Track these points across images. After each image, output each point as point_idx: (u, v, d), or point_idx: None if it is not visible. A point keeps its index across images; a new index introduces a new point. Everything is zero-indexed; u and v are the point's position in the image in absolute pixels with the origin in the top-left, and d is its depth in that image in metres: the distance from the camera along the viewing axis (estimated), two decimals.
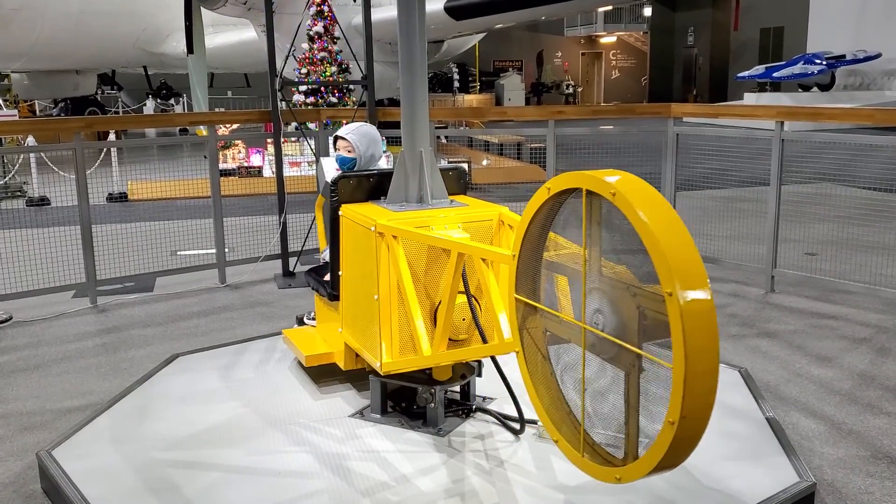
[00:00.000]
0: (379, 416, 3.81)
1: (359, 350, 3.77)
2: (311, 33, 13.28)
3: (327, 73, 13.31)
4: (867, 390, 4.42)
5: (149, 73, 24.11)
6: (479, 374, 3.93)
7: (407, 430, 3.68)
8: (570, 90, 37.64)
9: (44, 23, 18.41)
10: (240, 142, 13.91)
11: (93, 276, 6.39)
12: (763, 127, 7.02)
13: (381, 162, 4.35)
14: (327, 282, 4.10)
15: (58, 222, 7.55)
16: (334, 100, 13.39)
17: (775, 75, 23.55)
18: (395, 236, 3.42)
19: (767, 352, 5.04)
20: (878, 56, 22.52)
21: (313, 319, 4.62)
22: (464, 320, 3.47)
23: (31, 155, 11.49)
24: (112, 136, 11.98)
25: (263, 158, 13.65)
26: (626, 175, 2.34)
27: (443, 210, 3.66)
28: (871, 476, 3.51)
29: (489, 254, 3.14)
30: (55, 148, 11.78)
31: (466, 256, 3.28)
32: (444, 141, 15.28)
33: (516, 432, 3.61)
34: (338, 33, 13.25)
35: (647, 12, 38.45)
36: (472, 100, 27.77)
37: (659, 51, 38.71)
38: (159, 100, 25.10)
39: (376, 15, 7.81)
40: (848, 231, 7.60)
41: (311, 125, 7.90)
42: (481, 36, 26.39)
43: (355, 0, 14.98)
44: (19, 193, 11.98)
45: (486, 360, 3.91)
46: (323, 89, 12.91)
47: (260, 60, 19.61)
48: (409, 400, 3.86)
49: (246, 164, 13.70)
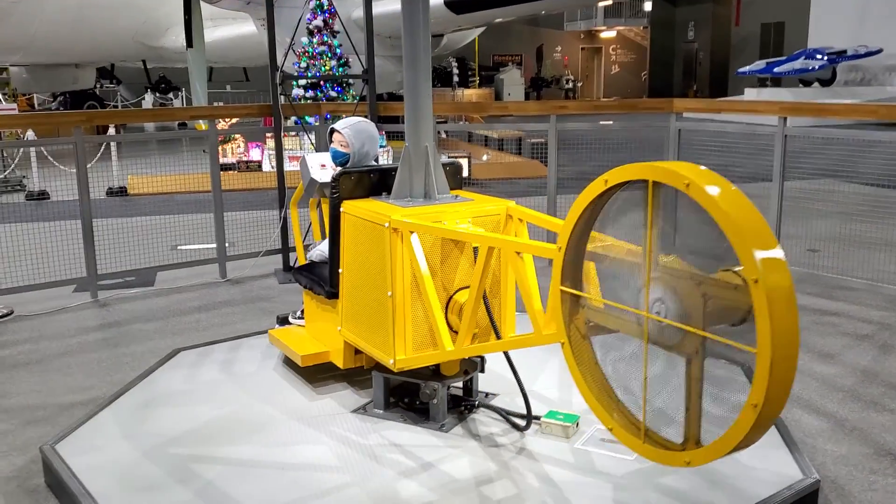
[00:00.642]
0: (382, 411, 3.81)
1: (365, 348, 3.73)
2: (311, 27, 13.24)
3: (326, 68, 13.28)
4: (870, 387, 4.42)
5: (148, 67, 24.06)
6: (482, 370, 3.93)
7: (410, 426, 3.68)
8: (570, 85, 37.58)
9: (42, 16, 18.35)
10: (239, 136, 13.89)
11: (93, 270, 6.38)
12: (765, 122, 7.00)
13: (381, 158, 4.33)
14: (322, 279, 4.04)
15: (58, 216, 7.54)
16: (334, 94, 13.37)
17: (776, 70, 23.52)
18: (412, 232, 3.39)
19: None
20: (879, 51, 22.49)
21: (300, 318, 4.54)
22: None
23: (31, 149, 11.48)
24: (111, 131, 11.94)
25: (263, 153, 13.63)
26: (694, 166, 2.39)
27: (452, 205, 3.66)
28: (875, 473, 3.50)
29: (530, 248, 3.10)
30: (56, 142, 11.76)
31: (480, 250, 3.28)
32: (444, 136, 15.27)
33: (520, 428, 3.61)
34: (338, 27, 13.22)
35: (648, 7, 38.40)
36: (471, 94, 27.74)
37: (659, 46, 38.66)
38: (158, 94, 25.05)
39: (376, 9, 7.79)
40: (850, 227, 7.59)
41: (311, 119, 7.88)
42: (481, 30, 26.34)
43: None
44: (19, 187, 11.96)
45: (487, 357, 3.91)
46: (322, 83, 12.89)
47: (259, 54, 19.59)
48: (412, 396, 3.85)
49: (245, 159, 13.68)
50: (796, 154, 7.10)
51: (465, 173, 11.33)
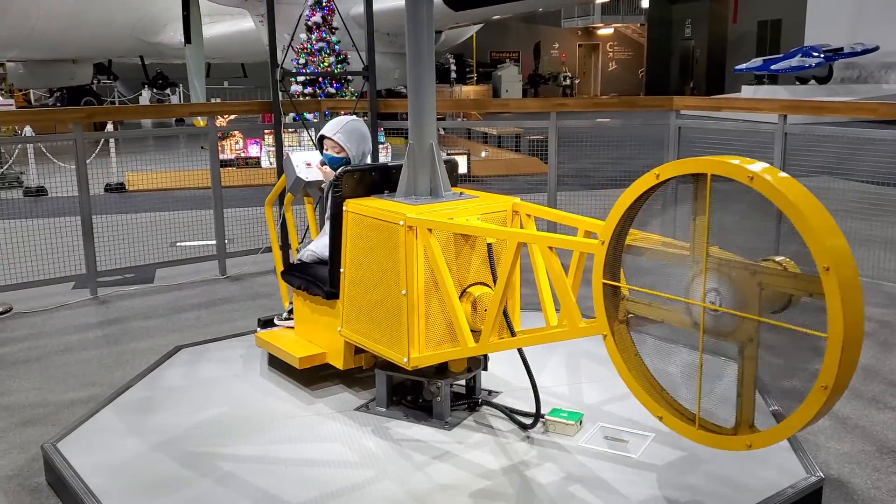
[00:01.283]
0: (384, 409, 3.80)
1: (372, 347, 3.69)
2: (310, 24, 13.22)
3: (325, 64, 13.26)
4: (871, 385, 4.42)
5: (145, 62, 24.00)
6: (485, 368, 3.92)
7: (413, 424, 3.67)
8: (568, 82, 37.58)
9: (40, 11, 18.30)
10: (238, 132, 13.87)
11: (93, 267, 6.37)
12: (764, 120, 7.00)
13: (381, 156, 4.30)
14: (319, 280, 3.97)
15: (56, 213, 7.51)
16: (332, 90, 13.35)
17: (773, 68, 23.54)
18: (430, 230, 3.37)
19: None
20: (875, 49, 22.51)
21: (287, 320, 4.46)
22: (486, 311, 3.46)
23: (29, 145, 11.45)
24: (109, 127, 11.92)
25: (261, 149, 13.61)
26: (750, 160, 2.46)
27: (460, 202, 3.66)
28: (878, 471, 3.51)
29: (569, 243, 3.10)
30: (55, 139, 11.73)
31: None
32: (443, 132, 15.26)
33: (525, 426, 3.60)
34: (336, 23, 13.20)
35: (645, 4, 38.37)
36: (469, 91, 27.72)
37: (656, 43, 38.67)
38: (155, 90, 25.00)
39: (375, 5, 7.76)
40: (850, 225, 7.58)
41: (309, 116, 7.86)
42: (478, 27, 26.32)
43: None
44: (16, 184, 11.93)
45: (491, 355, 3.90)
46: (321, 80, 12.87)
47: (257, 50, 19.56)
48: (415, 394, 3.85)
49: (244, 155, 13.65)
50: (795, 151, 7.10)
51: (465, 170, 11.33)
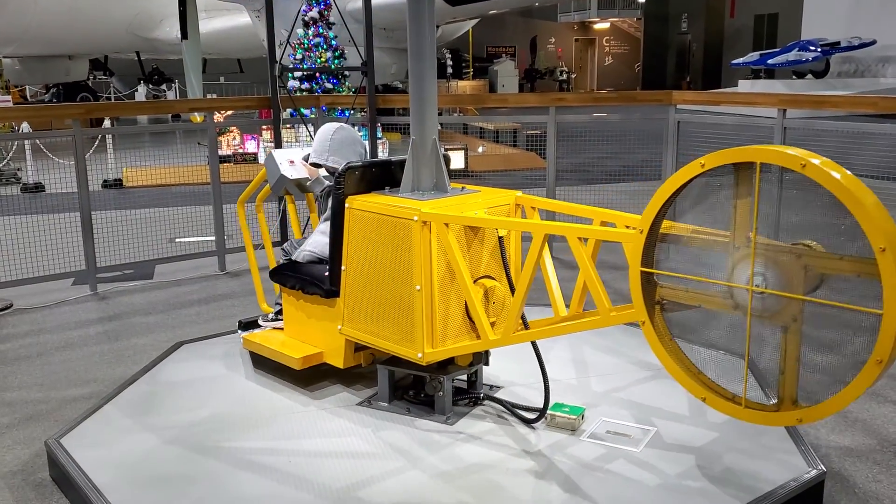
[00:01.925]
0: (386, 404, 3.81)
1: (379, 344, 3.66)
2: (306, 19, 13.20)
3: (322, 59, 13.24)
4: None
5: (141, 58, 23.94)
6: (487, 363, 3.93)
7: (415, 419, 3.68)
8: (564, 76, 37.57)
9: (36, 7, 18.25)
10: (234, 128, 13.85)
11: (93, 263, 6.36)
12: (763, 114, 7.01)
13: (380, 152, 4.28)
14: (317, 279, 3.91)
15: (54, 209, 7.50)
16: (329, 86, 13.33)
17: (770, 62, 23.56)
18: (446, 224, 3.37)
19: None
20: (872, 43, 22.53)
21: (273, 321, 4.39)
22: (494, 304, 3.47)
23: (26, 141, 11.42)
24: (107, 123, 11.91)
25: (258, 145, 13.60)
26: (797, 149, 2.56)
27: (466, 196, 3.67)
28: (879, 464, 3.52)
29: (606, 234, 3.16)
30: (53, 135, 11.70)
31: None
32: (439, 128, 15.25)
33: (528, 421, 3.61)
34: (333, 18, 13.18)
35: None
36: (465, 86, 27.71)
37: (653, 37, 38.65)
38: (151, 85, 24.95)
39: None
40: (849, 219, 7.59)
41: (306, 112, 7.86)
42: (475, 22, 26.30)
43: None
44: (14, 180, 11.91)
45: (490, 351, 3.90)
46: (318, 75, 12.85)
47: (254, 45, 19.56)
48: (416, 389, 3.85)
49: (241, 151, 13.65)
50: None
51: (463, 165, 11.34)
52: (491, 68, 32.49)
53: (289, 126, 10.84)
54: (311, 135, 7.68)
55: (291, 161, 4.32)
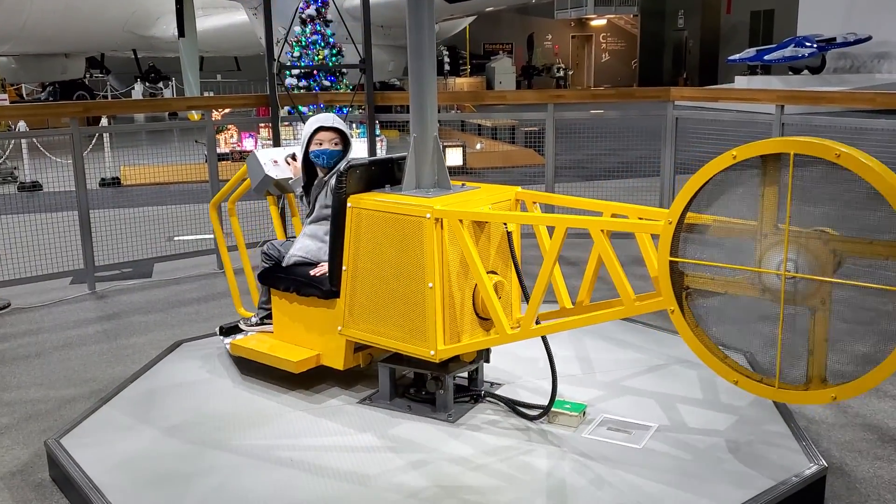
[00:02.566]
0: (387, 401, 3.80)
1: (386, 344, 3.63)
2: (304, 16, 13.17)
3: (320, 57, 13.21)
4: None
5: (138, 56, 23.89)
6: (487, 360, 3.93)
7: (416, 416, 3.67)
8: (561, 73, 37.55)
9: (32, 5, 18.19)
10: (232, 126, 13.83)
11: (91, 262, 6.35)
12: (761, 110, 7.00)
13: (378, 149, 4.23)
14: (315, 279, 3.84)
15: (51, 208, 7.48)
16: (327, 83, 13.30)
17: (766, 58, 23.54)
18: (461, 220, 3.38)
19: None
20: (868, 39, 22.52)
21: (259, 325, 4.28)
22: (501, 299, 3.49)
23: (23, 140, 11.40)
24: (104, 121, 11.88)
25: (256, 142, 13.57)
26: (829, 140, 2.67)
27: (470, 193, 3.68)
28: (880, 459, 3.52)
29: (636, 226, 3.22)
30: (51, 133, 11.68)
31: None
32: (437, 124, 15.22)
33: (531, 417, 3.61)
34: (330, 16, 13.14)
35: None
36: (462, 83, 27.70)
37: (649, 34, 38.65)
38: (148, 83, 24.89)
39: None
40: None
41: (304, 109, 7.85)
42: (472, 19, 26.29)
43: None
44: (10, 179, 11.88)
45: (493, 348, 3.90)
46: (315, 73, 12.81)
47: (251, 43, 19.51)
48: (417, 387, 3.85)
49: (239, 149, 13.62)
50: None
51: (461, 162, 11.33)
52: (488, 65, 32.48)
53: (287, 124, 10.83)
54: None
55: (275, 161, 4.24)
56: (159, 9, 20.35)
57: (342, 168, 3.67)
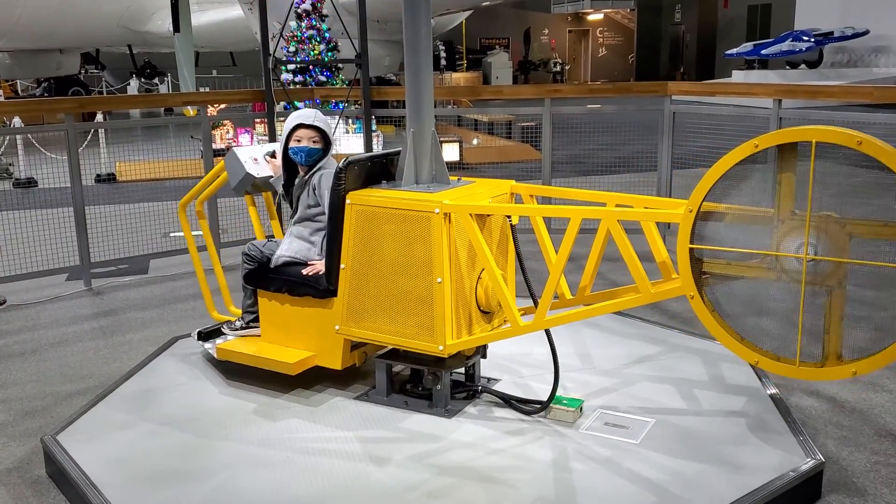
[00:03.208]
0: (384, 397, 3.79)
1: (389, 341, 3.62)
2: (299, 11, 13.15)
3: (315, 52, 13.20)
4: None
5: (133, 52, 23.83)
6: (484, 356, 3.92)
7: (413, 412, 3.67)
8: (558, 68, 37.51)
9: (26, 1, 18.13)
10: (228, 122, 13.80)
11: (86, 258, 6.34)
12: (758, 105, 7.00)
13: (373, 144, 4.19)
14: (309, 279, 3.77)
15: (46, 204, 7.46)
16: (323, 78, 13.29)
17: (763, 52, 23.54)
18: (471, 215, 3.39)
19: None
20: (865, 33, 22.51)
21: (246, 328, 4.16)
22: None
23: (18, 136, 11.37)
24: (99, 117, 11.85)
25: (252, 138, 13.55)
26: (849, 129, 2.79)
27: (470, 187, 3.68)
28: (876, 453, 3.53)
29: (657, 215, 3.31)
30: (46, 129, 11.64)
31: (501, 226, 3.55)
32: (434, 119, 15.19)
33: (528, 412, 3.61)
34: (326, 10, 13.13)
35: None
36: (459, 78, 27.64)
37: (646, 28, 38.60)
38: (143, 79, 24.84)
39: None
40: None
41: (300, 105, 7.83)
42: (468, 13, 26.25)
43: None
44: (5, 175, 11.85)
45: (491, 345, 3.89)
46: (311, 68, 12.81)
47: (246, 38, 19.47)
48: (413, 383, 3.84)
49: (235, 145, 13.59)
50: None
51: (457, 157, 11.31)
52: (485, 60, 32.41)
53: (282, 119, 10.82)
54: None
55: (255, 159, 4.15)
56: (154, 4, 20.29)
57: (341, 165, 3.59)
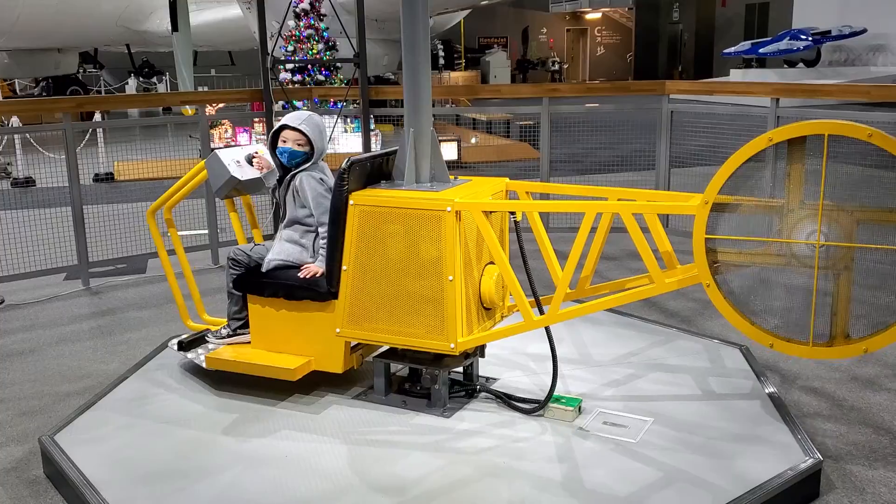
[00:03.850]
0: (383, 397, 3.79)
1: (395, 341, 3.61)
2: (298, 10, 13.14)
3: (314, 51, 13.19)
4: (866, 367, 4.44)
5: (132, 51, 23.80)
6: (482, 355, 3.92)
7: (412, 411, 3.67)
8: (556, 67, 37.51)
9: (25, 0, 18.10)
10: (226, 121, 13.79)
11: (85, 258, 6.33)
12: (756, 104, 7.00)
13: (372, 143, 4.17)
14: (307, 282, 3.71)
15: (45, 203, 7.46)
16: (321, 78, 13.28)
17: (761, 51, 23.54)
18: (484, 212, 3.41)
19: None
20: (863, 31, 22.52)
21: (234, 336, 4.05)
22: (504, 287, 3.51)
23: (16, 135, 11.36)
24: (97, 116, 11.84)
25: (251, 138, 13.54)
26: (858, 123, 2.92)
27: (470, 185, 3.70)
28: (875, 452, 3.53)
29: (672, 208, 3.41)
30: (44, 129, 11.63)
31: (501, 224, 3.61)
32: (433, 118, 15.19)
33: (527, 411, 3.61)
34: (324, 10, 13.13)
35: None
36: (457, 77, 27.63)
37: (644, 27, 38.59)
38: (141, 78, 24.81)
39: None
40: None
41: (299, 104, 7.82)
42: (466, 12, 26.22)
43: None
44: (4, 175, 11.84)
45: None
46: (310, 67, 12.80)
47: (245, 38, 19.44)
48: (412, 382, 3.84)
49: (233, 144, 13.58)
50: None
51: (456, 156, 11.32)
52: (483, 59, 32.41)
53: (280, 119, 10.84)
54: None
55: (238, 161, 4.08)
56: (152, 3, 20.25)
57: (344, 165, 3.55)
